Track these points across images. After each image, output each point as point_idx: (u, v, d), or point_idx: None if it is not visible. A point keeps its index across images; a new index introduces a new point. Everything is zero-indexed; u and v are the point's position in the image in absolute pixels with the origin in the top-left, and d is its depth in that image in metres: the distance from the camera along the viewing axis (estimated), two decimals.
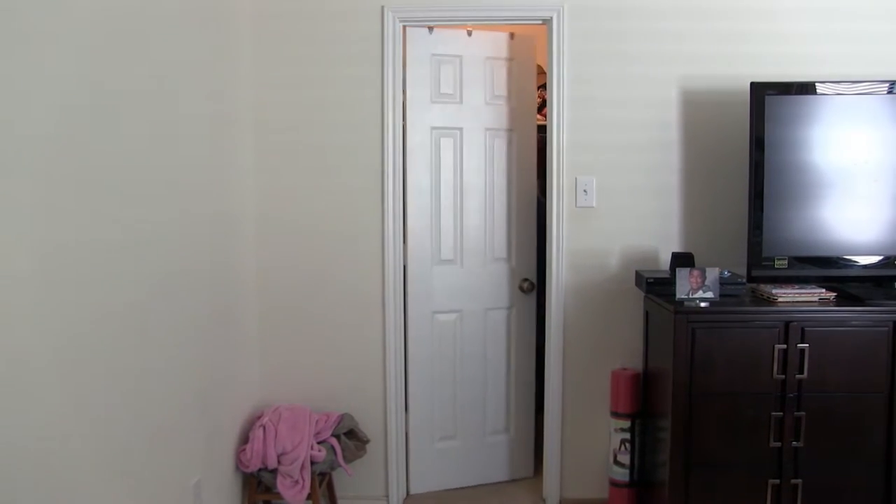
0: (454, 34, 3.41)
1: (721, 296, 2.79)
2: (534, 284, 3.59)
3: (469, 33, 3.42)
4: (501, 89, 3.50)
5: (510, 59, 3.51)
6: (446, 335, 3.49)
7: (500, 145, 3.52)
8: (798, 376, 2.69)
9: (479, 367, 3.55)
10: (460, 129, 3.43)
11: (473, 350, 3.54)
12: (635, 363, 3.24)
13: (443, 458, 3.52)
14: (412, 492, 3.47)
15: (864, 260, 2.89)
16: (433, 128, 3.39)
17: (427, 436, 3.48)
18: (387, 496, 3.35)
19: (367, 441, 3.23)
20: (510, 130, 3.53)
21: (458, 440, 3.55)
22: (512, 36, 3.52)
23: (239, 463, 2.96)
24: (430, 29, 3.34)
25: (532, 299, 3.62)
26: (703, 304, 2.74)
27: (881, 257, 2.88)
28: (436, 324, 3.46)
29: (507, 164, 3.53)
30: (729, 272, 2.95)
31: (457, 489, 3.53)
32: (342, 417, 3.16)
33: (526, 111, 3.58)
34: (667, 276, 2.93)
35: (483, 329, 3.54)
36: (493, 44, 3.47)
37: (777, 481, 2.73)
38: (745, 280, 2.90)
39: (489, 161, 3.50)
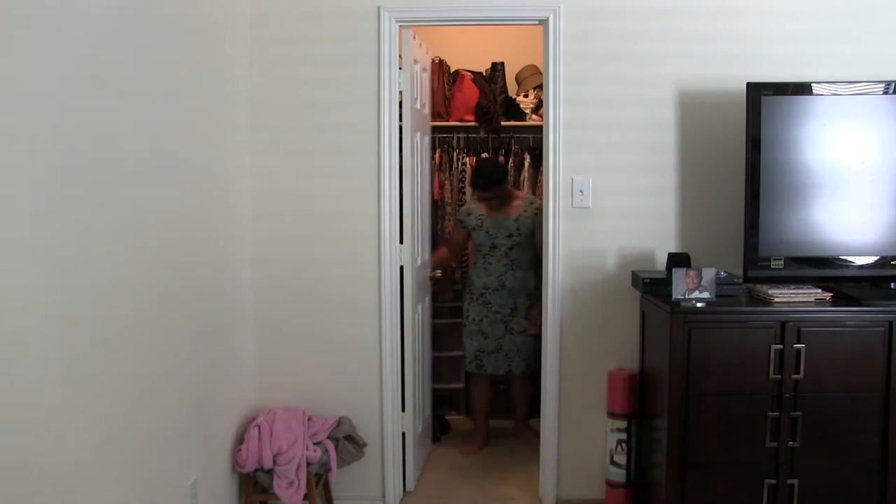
0: (418, 42, 3.49)
1: (717, 296, 2.79)
2: None
3: (420, 43, 3.54)
4: (427, 97, 3.81)
5: (427, 71, 3.80)
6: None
7: (427, 147, 3.84)
8: (794, 376, 2.69)
9: None
10: (425, 133, 3.51)
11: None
12: (632, 364, 3.24)
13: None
14: (409, 488, 3.48)
15: (860, 260, 2.89)
16: (415, 130, 3.42)
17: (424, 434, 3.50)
18: (383, 497, 3.34)
19: (365, 445, 3.22)
20: (427, 134, 3.87)
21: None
22: (426, 50, 3.75)
23: (235, 464, 2.96)
24: (414, 35, 3.34)
25: None
26: (699, 305, 2.74)
27: (877, 257, 2.88)
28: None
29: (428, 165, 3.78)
30: (725, 272, 2.95)
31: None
32: (340, 421, 3.16)
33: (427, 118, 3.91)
34: (663, 276, 2.93)
35: None
36: (425, 56, 3.72)
37: (773, 481, 2.73)
38: (741, 280, 2.90)
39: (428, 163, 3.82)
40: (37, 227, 1.73)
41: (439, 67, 4.53)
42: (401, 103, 3.31)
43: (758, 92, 2.84)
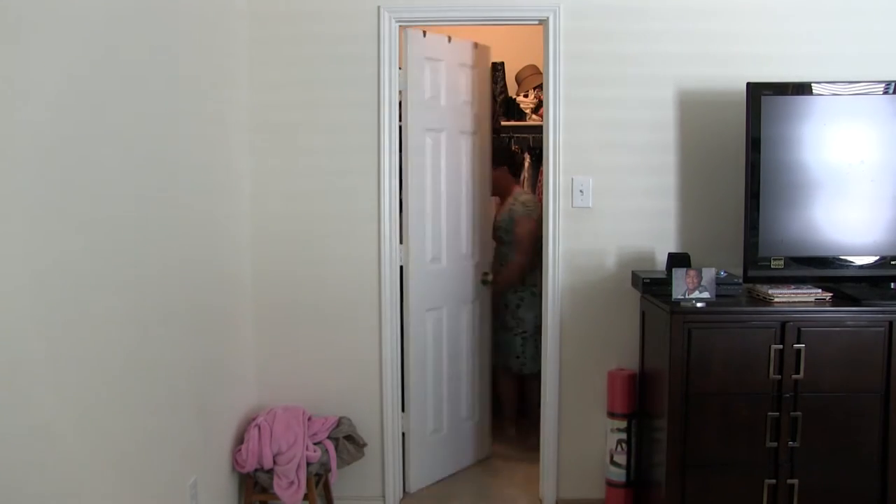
0: (439, 39, 3.47)
1: (717, 296, 2.79)
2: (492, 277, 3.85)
3: (448, 39, 3.52)
4: (467, 94, 3.68)
5: (473, 67, 3.68)
6: (436, 332, 3.59)
7: (466, 148, 3.70)
8: (794, 376, 2.69)
9: (459, 358, 3.73)
10: (442, 132, 3.53)
11: (453, 343, 3.69)
12: (632, 363, 3.24)
13: (434, 451, 3.59)
14: (410, 490, 3.48)
15: (860, 260, 2.89)
16: (427, 129, 3.43)
17: (423, 432, 3.51)
18: (383, 496, 3.34)
19: (365, 445, 3.22)
20: (473, 133, 3.73)
21: (445, 431, 3.67)
22: (476, 46, 3.68)
23: (235, 464, 2.96)
24: (424, 32, 3.35)
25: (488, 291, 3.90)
26: (699, 305, 2.74)
27: (877, 257, 2.88)
28: (428, 321, 3.52)
29: (470, 165, 3.72)
30: (725, 272, 2.95)
31: (449, 481, 3.62)
32: (340, 421, 3.16)
33: (485, 116, 3.83)
34: (663, 276, 2.93)
35: (458, 323, 3.72)
36: (463, 51, 3.62)
37: (773, 481, 2.73)
38: (741, 280, 2.90)
39: (461, 162, 3.67)
40: (37, 227, 1.73)
41: None
42: (401, 102, 3.31)
43: (758, 92, 2.84)
